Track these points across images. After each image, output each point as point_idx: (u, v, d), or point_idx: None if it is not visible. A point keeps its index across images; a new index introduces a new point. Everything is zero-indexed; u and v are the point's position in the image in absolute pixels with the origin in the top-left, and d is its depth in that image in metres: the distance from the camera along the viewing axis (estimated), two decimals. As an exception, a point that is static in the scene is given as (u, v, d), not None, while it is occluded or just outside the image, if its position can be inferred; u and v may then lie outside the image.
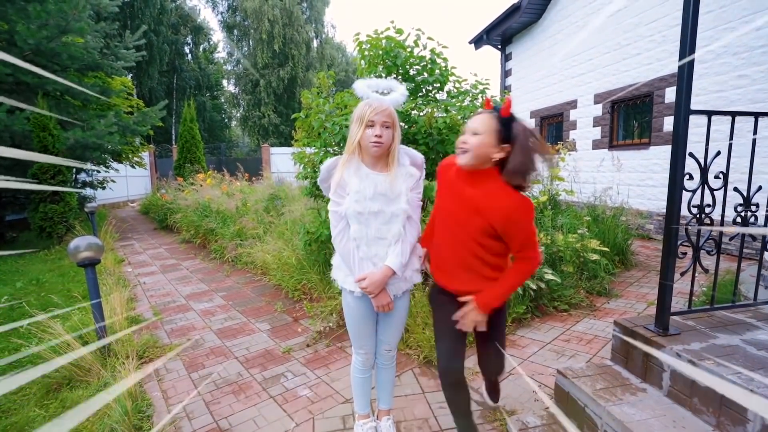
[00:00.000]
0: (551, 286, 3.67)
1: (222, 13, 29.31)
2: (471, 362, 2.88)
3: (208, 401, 2.56)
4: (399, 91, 1.78)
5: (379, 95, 1.75)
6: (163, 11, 24.65)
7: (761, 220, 2.28)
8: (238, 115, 31.59)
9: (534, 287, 3.43)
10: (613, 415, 1.81)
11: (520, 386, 2.58)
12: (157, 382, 2.79)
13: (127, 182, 15.94)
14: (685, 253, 2.12)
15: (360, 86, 1.77)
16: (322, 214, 4.06)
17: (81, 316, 3.39)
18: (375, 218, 1.73)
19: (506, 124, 1.53)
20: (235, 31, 28.59)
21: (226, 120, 33.26)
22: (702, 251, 2.10)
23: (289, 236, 5.34)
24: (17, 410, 2.51)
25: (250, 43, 27.69)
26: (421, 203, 1.89)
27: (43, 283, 5.18)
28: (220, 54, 31.97)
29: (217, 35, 34.92)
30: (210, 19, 58.31)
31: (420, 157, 1.87)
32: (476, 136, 1.55)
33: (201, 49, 30.40)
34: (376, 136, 1.67)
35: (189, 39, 28.71)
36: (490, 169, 1.59)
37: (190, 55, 29.19)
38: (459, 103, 3.68)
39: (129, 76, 11.66)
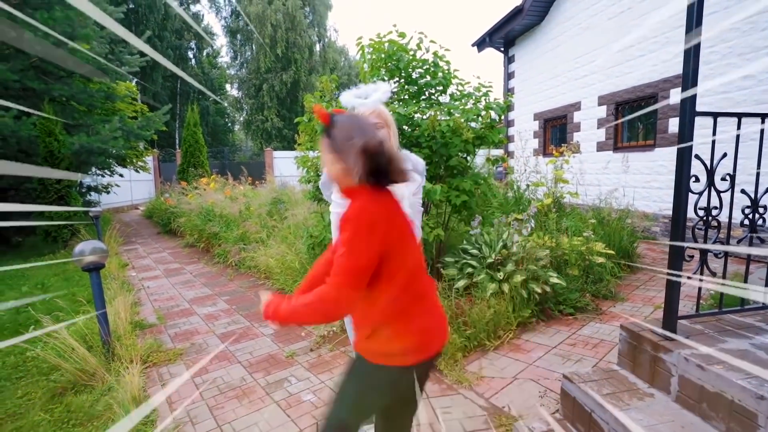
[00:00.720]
0: (556, 289, 3.64)
1: (225, 18, 29.50)
2: (475, 367, 2.86)
3: (211, 406, 2.55)
4: (381, 90, 1.78)
5: (364, 100, 1.75)
6: (167, 17, 24.85)
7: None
8: (242, 119, 31.72)
9: (539, 291, 3.41)
10: (620, 421, 1.79)
11: (526, 391, 2.56)
12: (161, 387, 2.79)
13: (131, 187, 16.02)
14: (692, 256, 2.10)
15: (345, 98, 1.79)
16: (326, 218, 4.05)
17: (86, 320, 3.39)
18: None
19: (329, 131, 1.28)
20: (239, 36, 28.76)
21: (230, 124, 33.40)
22: (709, 254, 2.07)
23: (292, 240, 5.34)
24: (23, 415, 2.51)
25: (253, 47, 27.83)
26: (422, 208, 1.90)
27: (48, 287, 5.19)
28: (224, 59, 32.18)
29: (221, 40, 35.17)
30: (213, 24, 58.69)
31: (422, 163, 1.88)
32: (325, 164, 1.36)
33: (204, 54, 30.59)
34: None
35: (193, 44, 28.90)
36: (354, 187, 1.29)
37: (193, 60, 29.37)
38: (462, 106, 3.67)
39: (133, 81, 11.72)
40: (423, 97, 4.04)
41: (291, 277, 4.56)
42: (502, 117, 3.91)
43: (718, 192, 2.01)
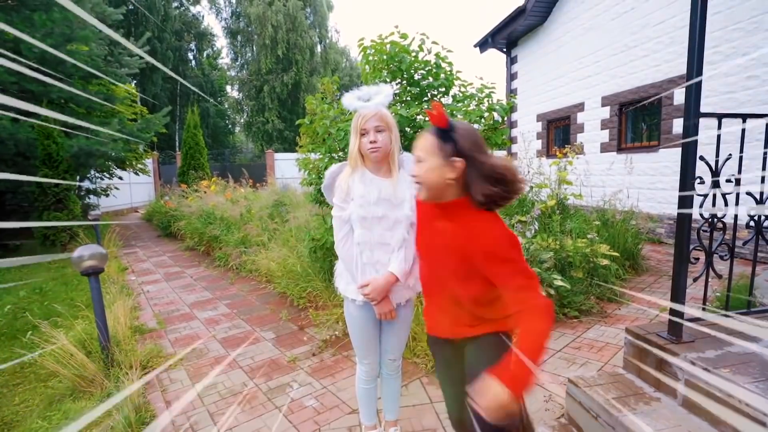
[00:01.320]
0: (561, 292, 3.61)
1: (226, 19, 29.49)
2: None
3: (212, 412, 2.53)
4: (383, 94, 1.77)
5: (365, 103, 1.74)
6: (167, 18, 24.87)
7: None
8: (242, 120, 31.68)
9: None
10: (626, 426, 1.76)
11: (532, 395, 2.53)
12: (161, 393, 2.76)
13: (130, 189, 15.99)
14: (698, 258, 2.07)
15: (347, 100, 1.79)
16: (327, 221, 4.03)
17: (85, 326, 3.36)
18: (378, 223, 1.72)
19: (448, 136, 1.28)
20: (239, 37, 28.75)
21: (230, 126, 33.37)
22: (715, 256, 2.04)
23: (294, 243, 5.30)
24: (20, 422, 2.48)
25: (254, 48, 27.82)
26: None
27: (46, 291, 5.16)
28: (224, 60, 32.17)
29: (221, 41, 35.17)
30: (214, 25, 58.60)
31: None
32: (421, 164, 1.33)
33: (205, 56, 30.58)
34: (371, 142, 1.70)
35: (193, 45, 28.90)
36: (460, 200, 1.33)
37: (193, 62, 29.38)
38: (465, 108, 3.65)
39: (133, 83, 11.71)
40: (425, 98, 4.01)
41: (292, 281, 4.53)
42: (505, 118, 3.89)
43: (723, 193, 1.98)
